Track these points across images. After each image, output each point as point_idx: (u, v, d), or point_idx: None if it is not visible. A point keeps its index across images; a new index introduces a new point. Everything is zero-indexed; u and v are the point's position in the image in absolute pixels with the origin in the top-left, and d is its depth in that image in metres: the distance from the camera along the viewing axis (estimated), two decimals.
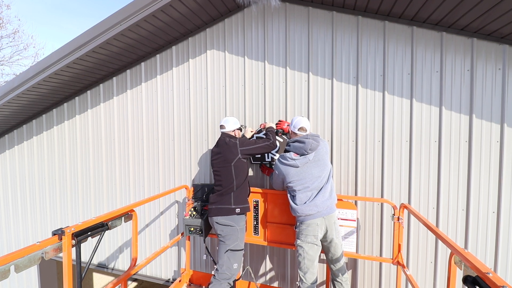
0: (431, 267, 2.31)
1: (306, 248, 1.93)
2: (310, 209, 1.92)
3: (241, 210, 2.16)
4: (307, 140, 2.00)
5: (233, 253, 2.12)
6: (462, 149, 2.20)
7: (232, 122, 2.31)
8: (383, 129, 2.35)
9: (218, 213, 2.16)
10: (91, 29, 2.55)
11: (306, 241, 1.94)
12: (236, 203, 2.17)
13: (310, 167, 1.99)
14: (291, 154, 2.03)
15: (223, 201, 2.17)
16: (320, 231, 1.93)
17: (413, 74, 2.27)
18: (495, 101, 2.12)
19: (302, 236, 1.96)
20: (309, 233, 1.93)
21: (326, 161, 2.03)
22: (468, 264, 1.03)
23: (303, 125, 2.10)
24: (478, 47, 2.13)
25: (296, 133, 2.12)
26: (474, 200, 2.18)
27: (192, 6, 2.46)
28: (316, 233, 1.93)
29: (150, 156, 3.13)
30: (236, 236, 2.13)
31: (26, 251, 1.26)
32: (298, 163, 2.00)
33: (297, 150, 2.03)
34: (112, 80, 3.25)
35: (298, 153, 2.03)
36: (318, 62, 2.50)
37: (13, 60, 12.37)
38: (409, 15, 2.18)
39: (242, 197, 2.20)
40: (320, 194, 1.96)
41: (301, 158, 2.01)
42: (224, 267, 2.09)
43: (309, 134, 2.07)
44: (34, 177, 3.75)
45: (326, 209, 1.94)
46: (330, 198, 1.98)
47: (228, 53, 2.78)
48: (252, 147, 2.16)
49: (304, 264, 1.94)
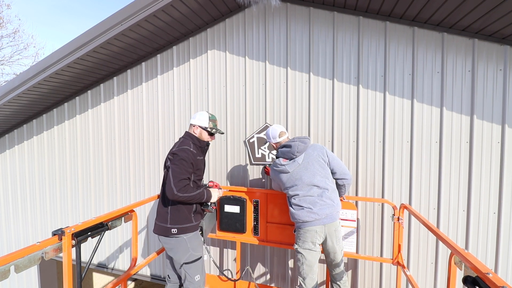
0: (431, 268, 2.31)
1: (304, 253, 1.88)
2: (307, 215, 1.85)
3: (179, 231, 1.77)
4: (294, 143, 1.95)
5: (189, 265, 1.84)
6: (463, 149, 2.19)
7: (198, 117, 1.91)
8: (384, 129, 2.35)
9: (156, 230, 1.86)
10: (92, 29, 2.55)
11: (303, 247, 1.88)
12: (173, 222, 1.79)
13: (301, 172, 1.92)
14: (280, 160, 1.99)
15: (159, 216, 1.85)
16: (319, 238, 1.87)
17: (414, 75, 2.26)
18: (496, 102, 2.11)
19: (300, 241, 1.90)
20: (306, 239, 1.87)
21: (321, 166, 1.93)
22: (468, 265, 1.03)
23: (281, 130, 2.09)
24: (480, 48, 2.13)
25: (280, 142, 2.08)
26: (475, 200, 2.18)
27: (193, 6, 2.46)
28: (314, 240, 1.86)
29: (151, 156, 3.13)
30: (186, 247, 1.83)
31: (26, 251, 1.26)
32: (288, 168, 1.94)
33: (285, 155, 1.99)
34: (112, 80, 3.25)
35: (286, 158, 1.98)
36: (319, 63, 2.50)
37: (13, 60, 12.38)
38: (411, 16, 2.18)
39: (182, 214, 1.80)
40: (318, 201, 1.87)
41: (290, 162, 1.95)
42: (186, 282, 1.87)
43: (296, 137, 2.02)
44: (35, 177, 3.75)
45: (326, 218, 1.86)
46: (332, 206, 1.87)
47: (229, 53, 2.78)
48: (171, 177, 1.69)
49: (303, 269, 1.89)
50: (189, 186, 1.73)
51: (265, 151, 2.67)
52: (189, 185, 1.75)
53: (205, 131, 1.91)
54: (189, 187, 1.73)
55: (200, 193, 1.77)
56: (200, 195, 1.77)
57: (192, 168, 1.77)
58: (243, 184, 2.78)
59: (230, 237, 2.54)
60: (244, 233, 2.48)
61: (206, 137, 1.92)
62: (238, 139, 2.79)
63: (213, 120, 1.92)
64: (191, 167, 1.75)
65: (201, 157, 1.90)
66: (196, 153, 1.82)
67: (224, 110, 2.82)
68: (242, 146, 2.77)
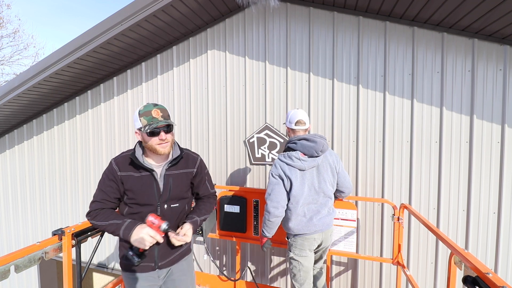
0: (431, 268, 2.31)
1: (301, 260, 1.78)
2: (307, 228, 1.72)
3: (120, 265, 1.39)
4: (319, 139, 1.67)
5: None
6: (463, 149, 2.19)
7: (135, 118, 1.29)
8: (384, 129, 2.35)
9: None
10: (92, 29, 2.55)
11: (301, 254, 1.77)
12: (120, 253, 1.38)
13: (315, 174, 1.71)
14: (298, 153, 1.67)
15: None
16: (315, 244, 1.79)
17: (414, 75, 2.26)
18: (496, 101, 2.11)
19: (297, 249, 1.78)
20: (304, 247, 1.77)
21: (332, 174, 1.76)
22: (468, 264, 1.03)
23: (300, 118, 1.76)
24: (479, 47, 2.13)
25: (295, 130, 1.78)
26: (475, 200, 2.18)
27: (193, 6, 2.46)
28: (311, 247, 1.78)
29: None
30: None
31: (26, 251, 1.26)
32: (306, 165, 1.66)
33: (306, 149, 1.66)
34: (112, 80, 3.25)
35: (306, 153, 1.67)
36: (319, 63, 2.50)
37: (13, 60, 12.38)
38: (410, 16, 2.18)
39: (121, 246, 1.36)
40: (321, 210, 1.74)
41: (309, 160, 1.67)
42: None
43: (316, 134, 1.74)
44: (35, 177, 3.75)
45: (323, 225, 1.76)
46: (331, 215, 1.80)
47: (229, 53, 2.78)
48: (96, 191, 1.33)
49: (300, 276, 1.80)
50: (100, 212, 1.27)
51: (265, 151, 2.67)
52: (103, 210, 1.28)
53: (144, 133, 1.25)
54: (100, 212, 1.26)
55: (112, 225, 1.22)
56: (113, 228, 1.22)
57: (115, 187, 1.28)
58: (243, 184, 2.78)
59: (230, 237, 2.54)
60: (244, 233, 2.48)
61: (149, 140, 1.25)
62: (238, 139, 2.79)
63: (146, 113, 1.23)
64: (114, 186, 1.28)
65: (139, 173, 1.29)
66: (124, 167, 1.29)
67: (224, 110, 2.82)
68: (242, 146, 2.77)
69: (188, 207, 1.47)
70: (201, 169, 1.46)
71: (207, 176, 1.53)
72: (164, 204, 1.33)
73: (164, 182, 1.32)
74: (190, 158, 1.43)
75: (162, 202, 1.33)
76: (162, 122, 1.23)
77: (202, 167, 1.48)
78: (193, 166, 1.43)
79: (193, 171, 1.42)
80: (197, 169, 1.44)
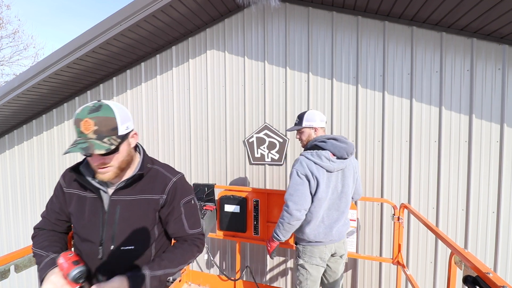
0: (431, 267, 2.32)
1: (310, 269, 1.65)
2: (325, 236, 1.60)
3: None
4: (349, 141, 1.59)
5: None
6: (462, 149, 2.20)
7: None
8: (383, 129, 2.35)
9: None
10: (91, 29, 2.55)
11: (310, 262, 1.64)
12: None
13: (340, 178, 1.60)
14: (328, 153, 1.54)
15: None
16: (328, 253, 1.66)
17: (413, 74, 2.27)
18: (494, 101, 2.12)
19: (306, 256, 1.65)
20: (314, 255, 1.63)
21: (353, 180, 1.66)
22: (468, 264, 1.03)
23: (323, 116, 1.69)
24: (478, 47, 2.13)
25: (318, 129, 1.66)
26: (474, 200, 2.18)
27: (192, 6, 2.46)
28: (323, 256, 1.64)
29: (150, 155, 3.12)
30: None
31: (26, 251, 1.26)
32: (334, 167, 1.54)
33: (337, 149, 1.54)
34: (112, 80, 3.25)
35: (336, 154, 1.56)
36: (318, 62, 2.50)
37: (13, 60, 12.37)
38: (409, 15, 2.18)
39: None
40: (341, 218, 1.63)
41: (337, 161, 1.55)
42: None
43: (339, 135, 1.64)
44: (34, 177, 3.74)
45: (340, 235, 1.66)
46: (346, 225, 1.70)
47: (228, 53, 2.78)
48: None
49: (307, 285, 1.67)
50: (39, 232, 1.01)
51: (264, 151, 2.67)
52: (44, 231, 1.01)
53: None
54: (39, 233, 1.00)
55: (37, 256, 0.96)
56: (37, 260, 0.96)
57: (58, 207, 1.00)
58: (243, 183, 2.78)
59: (230, 237, 2.54)
60: (244, 232, 2.48)
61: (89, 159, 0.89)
62: (237, 139, 2.79)
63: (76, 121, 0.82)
64: (57, 205, 1.00)
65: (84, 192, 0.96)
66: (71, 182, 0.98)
67: (224, 110, 2.82)
68: (242, 146, 2.77)
69: (157, 252, 1.01)
70: (173, 197, 0.98)
71: (187, 208, 1.02)
72: (110, 244, 0.92)
73: (109, 211, 0.92)
74: (159, 179, 0.98)
75: (107, 240, 0.92)
76: (92, 142, 0.79)
77: (177, 194, 0.99)
78: (161, 191, 0.97)
79: (159, 199, 0.96)
80: (167, 196, 0.97)
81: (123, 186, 0.93)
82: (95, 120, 0.81)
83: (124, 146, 0.89)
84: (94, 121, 0.81)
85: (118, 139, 0.85)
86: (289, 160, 2.61)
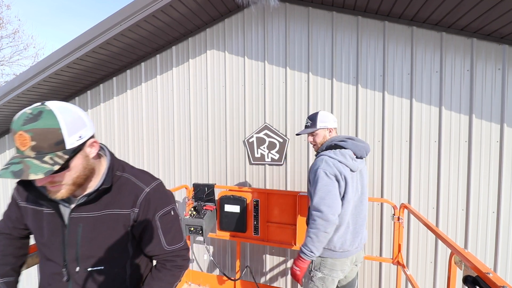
0: (431, 267, 2.32)
1: (327, 283, 1.50)
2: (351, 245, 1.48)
3: None
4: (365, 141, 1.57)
5: None
6: (462, 149, 2.20)
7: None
8: (383, 129, 2.35)
9: None
10: (91, 29, 2.55)
11: (330, 275, 1.48)
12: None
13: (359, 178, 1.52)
14: (351, 152, 1.48)
15: None
16: (350, 265, 1.55)
17: (413, 74, 2.27)
18: (494, 101, 2.12)
19: (326, 269, 1.49)
20: (336, 268, 1.48)
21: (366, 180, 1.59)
22: (469, 264, 1.03)
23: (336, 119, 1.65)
24: (478, 47, 2.13)
25: (332, 129, 1.60)
26: (474, 200, 2.18)
27: (192, 6, 2.46)
28: (345, 268, 1.51)
29: (150, 156, 3.13)
30: None
31: None
32: (356, 166, 1.47)
33: (358, 149, 1.49)
34: (112, 80, 3.25)
35: (357, 153, 1.50)
36: (318, 62, 2.50)
37: (13, 60, 12.37)
38: (409, 15, 2.18)
39: None
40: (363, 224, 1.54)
41: (358, 161, 1.50)
42: None
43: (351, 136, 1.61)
44: None
45: (362, 242, 1.57)
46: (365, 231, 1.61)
47: (228, 53, 2.78)
48: None
49: None
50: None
51: (264, 151, 2.67)
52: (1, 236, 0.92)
53: None
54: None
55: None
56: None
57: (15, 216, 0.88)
58: (243, 183, 2.78)
59: (230, 237, 2.54)
60: (244, 232, 2.48)
61: None
62: (237, 139, 2.79)
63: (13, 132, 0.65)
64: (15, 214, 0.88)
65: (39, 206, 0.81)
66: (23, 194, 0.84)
67: (224, 110, 2.82)
68: (242, 146, 2.77)
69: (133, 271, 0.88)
70: (146, 210, 0.83)
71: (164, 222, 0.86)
72: (75, 266, 0.80)
73: (69, 230, 0.79)
74: (129, 190, 0.83)
75: (71, 261, 0.80)
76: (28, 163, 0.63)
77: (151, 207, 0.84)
78: (131, 205, 0.82)
79: (129, 214, 0.82)
80: (139, 210, 0.82)
81: (84, 202, 0.78)
82: (31, 134, 0.61)
83: (78, 160, 0.70)
84: (30, 135, 0.61)
85: (66, 155, 0.66)
86: (289, 160, 2.61)
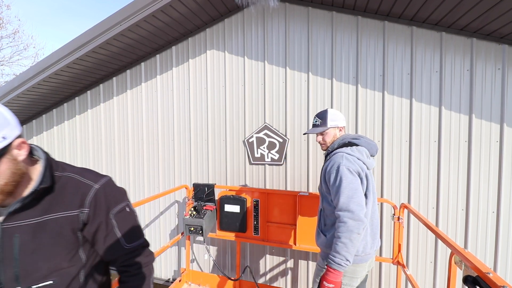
0: (431, 267, 2.31)
1: None
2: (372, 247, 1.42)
3: None
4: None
5: None
6: (462, 149, 2.20)
7: None
8: (383, 129, 2.35)
9: None
10: (91, 29, 2.55)
11: (350, 284, 1.39)
12: None
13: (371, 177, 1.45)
14: (365, 150, 1.44)
15: None
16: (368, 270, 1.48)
17: (413, 74, 2.27)
18: (494, 101, 2.12)
19: (346, 278, 1.37)
20: (356, 275, 1.39)
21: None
22: (469, 264, 1.03)
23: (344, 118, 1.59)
24: (478, 47, 2.13)
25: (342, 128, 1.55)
26: (474, 200, 2.18)
27: (192, 6, 2.46)
28: (363, 274, 1.43)
29: (150, 156, 3.13)
30: None
31: None
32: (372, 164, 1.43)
33: (371, 146, 1.46)
34: (112, 80, 3.25)
35: (370, 151, 1.47)
36: (317, 62, 2.50)
37: (13, 60, 12.37)
38: (409, 15, 2.18)
39: None
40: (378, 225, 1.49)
41: (371, 159, 1.46)
42: None
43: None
44: None
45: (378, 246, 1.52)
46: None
47: (228, 53, 2.78)
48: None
49: None
50: None
51: (264, 151, 2.67)
52: None
53: None
54: None
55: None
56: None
57: None
58: (243, 183, 2.78)
59: (230, 237, 2.54)
60: (244, 232, 2.48)
61: None
62: (237, 139, 2.79)
63: None
64: None
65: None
66: None
67: (224, 110, 2.82)
68: (242, 146, 2.77)
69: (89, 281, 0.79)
70: (98, 209, 0.76)
71: (120, 219, 0.79)
72: (15, 286, 0.68)
73: (3, 245, 0.68)
74: (74, 188, 0.74)
75: (10, 281, 0.68)
76: None
77: (102, 205, 0.77)
78: (79, 205, 0.73)
79: (77, 215, 0.73)
80: (89, 210, 0.74)
81: (19, 208, 0.66)
82: None
83: (4, 165, 0.61)
84: None
85: None
86: (289, 160, 2.61)
